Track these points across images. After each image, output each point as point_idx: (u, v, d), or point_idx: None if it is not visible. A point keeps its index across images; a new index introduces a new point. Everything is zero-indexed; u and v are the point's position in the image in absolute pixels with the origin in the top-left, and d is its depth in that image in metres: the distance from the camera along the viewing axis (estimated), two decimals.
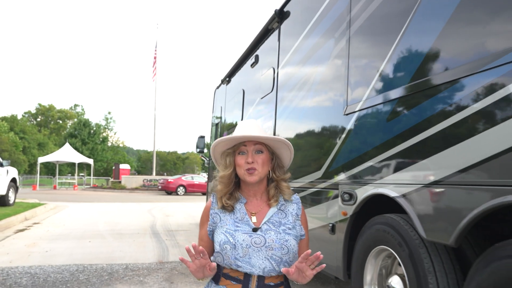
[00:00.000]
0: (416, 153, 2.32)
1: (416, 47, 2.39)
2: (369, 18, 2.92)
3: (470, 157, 1.93)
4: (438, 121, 2.15)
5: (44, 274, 4.92)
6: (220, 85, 8.86)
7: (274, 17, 5.02)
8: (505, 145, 1.74)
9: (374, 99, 2.78)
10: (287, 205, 1.64)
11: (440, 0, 2.22)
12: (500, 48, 1.82)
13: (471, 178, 1.92)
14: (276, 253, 1.50)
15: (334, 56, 3.45)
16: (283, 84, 4.71)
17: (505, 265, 1.74)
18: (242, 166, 1.58)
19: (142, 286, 4.52)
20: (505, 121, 1.75)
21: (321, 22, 3.77)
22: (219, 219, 1.60)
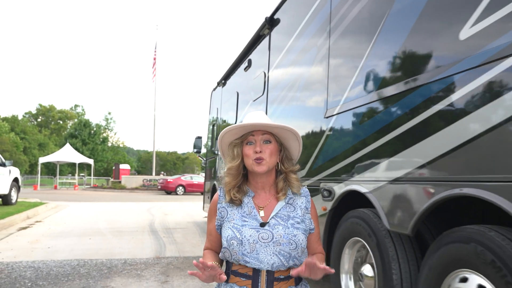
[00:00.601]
0: (382, 154, 2.59)
1: (381, 58, 2.66)
2: (345, 31, 3.19)
3: (422, 157, 2.20)
4: (397, 126, 2.42)
5: (47, 268, 5.19)
6: (216, 87, 9.13)
7: (265, 24, 5.29)
8: (449, 147, 2.01)
9: (348, 104, 3.05)
10: (295, 199, 1.60)
11: (401, 17, 2.49)
12: (449, 61, 2.08)
13: (424, 175, 2.19)
14: (284, 248, 1.47)
15: (317, 63, 3.72)
16: (273, 88, 4.98)
17: (449, 249, 2.01)
18: (250, 156, 1.54)
19: (139, 279, 4.79)
20: (447, 127, 2.02)
21: (306, 30, 4.04)
22: (226, 213, 1.58)
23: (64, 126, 68.03)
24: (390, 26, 2.60)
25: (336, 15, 3.34)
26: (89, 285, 4.48)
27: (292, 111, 4.37)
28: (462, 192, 1.91)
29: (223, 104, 8.28)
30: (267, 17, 5.22)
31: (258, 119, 1.57)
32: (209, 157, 9.76)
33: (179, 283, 4.66)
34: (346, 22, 3.16)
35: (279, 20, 5.03)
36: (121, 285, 4.51)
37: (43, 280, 4.63)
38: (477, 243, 1.84)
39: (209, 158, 9.83)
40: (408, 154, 2.33)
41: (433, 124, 2.14)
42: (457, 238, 1.98)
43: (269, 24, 5.22)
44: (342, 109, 3.16)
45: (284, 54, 4.68)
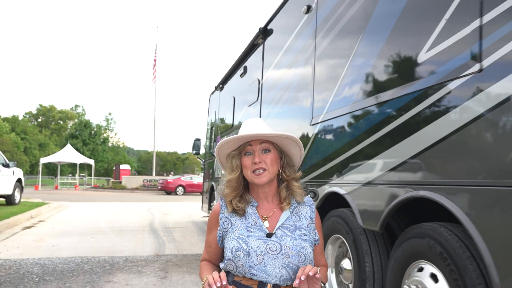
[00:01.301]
0: (357, 159, 2.90)
1: (357, 75, 2.97)
2: (328, 46, 3.50)
3: (389, 163, 2.51)
4: (369, 135, 2.73)
5: (52, 265, 5.50)
6: (215, 91, 9.44)
7: (259, 34, 5.59)
8: (409, 155, 2.32)
9: (331, 113, 3.36)
10: (300, 208, 1.55)
11: (373, 38, 2.80)
12: (410, 79, 2.39)
13: (390, 179, 2.50)
14: (293, 261, 1.42)
15: (304, 74, 4.03)
16: (266, 94, 5.29)
17: (410, 243, 2.31)
18: (248, 167, 1.49)
19: (140, 275, 5.09)
20: (407, 138, 2.33)
21: (295, 42, 4.35)
22: (230, 224, 1.51)
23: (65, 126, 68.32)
24: (364, 45, 2.90)
25: (321, 31, 3.65)
26: (93, 280, 4.78)
27: (282, 117, 4.68)
28: (418, 194, 2.21)
29: (220, 108, 8.58)
30: (261, 27, 5.52)
31: (255, 128, 1.51)
32: (208, 159, 10.07)
33: (177, 278, 4.97)
34: (329, 38, 3.46)
35: (272, 31, 5.33)
36: (123, 280, 4.82)
37: (49, 276, 4.93)
38: (430, 238, 2.15)
39: (207, 159, 10.14)
40: (377, 160, 2.64)
41: (397, 135, 2.45)
42: (415, 234, 2.29)
43: (263, 34, 5.53)
44: (325, 118, 3.46)
45: (276, 63, 4.98)
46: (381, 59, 2.68)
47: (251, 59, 6.21)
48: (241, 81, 6.74)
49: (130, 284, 4.63)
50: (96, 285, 4.58)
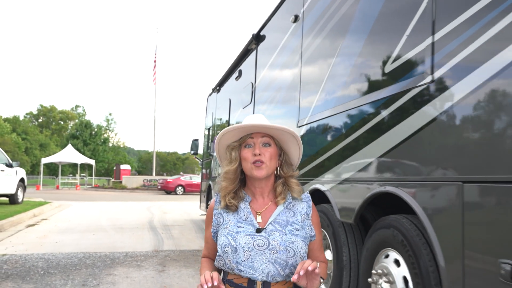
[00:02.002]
0: (335, 159, 3.18)
1: (335, 83, 3.26)
2: (311, 55, 3.79)
3: (361, 162, 2.79)
4: (345, 137, 3.02)
5: (56, 259, 5.78)
6: (212, 93, 9.72)
7: (252, 40, 5.88)
8: (378, 155, 2.60)
9: (314, 117, 3.64)
10: (295, 204, 1.53)
11: (349, 51, 3.09)
12: (377, 88, 2.67)
13: (362, 176, 2.78)
14: (281, 256, 1.40)
15: (291, 79, 4.31)
16: (258, 97, 5.58)
17: (378, 233, 2.60)
18: (248, 159, 1.48)
19: (139, 269, 5.38)
20: (376, 140, 2.62)
21: (284, 49, 4.63)
22: (222, 219, 1.52)
23: (65, 126, 68.64)
24: (342, 56, 3.19)
25: (306, 39, 3.93)
26: (95, 273, 5.07)
27: (273, 119, 4.96)
28: (385, 189, 2.50)
29: (217, 109, 8.87)
30: (254, 34, 5.81)
31: (258, 121, 1.51)
32: (205, 159, 10.35)
33: (174, 272, 5.25)
34: (313, 47, 3.75)
35: (264, 37, 5.62)
36: (123, 273, 5.10)
37: (54, 269, 5.22)
38: (394, 228, 2.43)
39: (205, 159, 10.42)
40: (352, 159, 2.92)
41: (367, 138, 2.73)
42: (383, 225, 2.58)
43: (256, 40, 5.81)
44: (309, 120, 3.75)
45: (267, 68, 5.27)
46: (354, 69, 2.97)
47: (246, 63, 6.49)
48: (237, 84, 7.03)
49: (130, 277, 4.92)
50: (98, 277, 4.86)
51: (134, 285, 4.58)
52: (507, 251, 1.63)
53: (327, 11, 3.46)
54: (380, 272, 2.51)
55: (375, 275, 2.54)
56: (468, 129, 1.91)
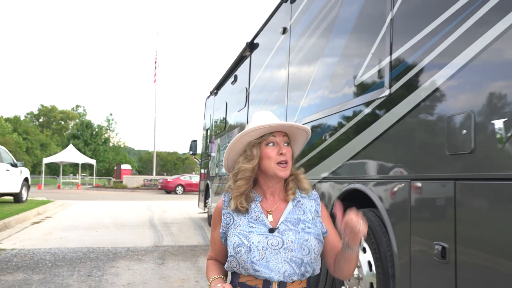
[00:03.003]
0: (315, 159, 3.57)
1: (315, 92, 3.64)
2: (297, 65, 4.17)
3: (336, 163, 3.18)
4: (323, 141, 3.40)
5: (62, 254, 6.17)
6: (210, 96, 10.11)
7: (246, 48, 6.26)
8: (348, 156, 2.99)
9: (299, 121, 4.02)
10: (304, 202, 1.53)
11: (327, 64, 3.47)
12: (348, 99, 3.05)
13: (337, 175, 3.16)
14: (296, 254, 1.40)
15: (281, 86, 4.69)
16: (252, 102, 5.96)
17: None
18: (273, 158, 1.46)
19: (140, 262, 5.76)
20: (347, 143, 3.00)
21: (275, 58, 5.02)
22: (232, 220, 1.49)
23: (66, 126, 68.95)
24: (321, 68, 3.58)
25: (293, 51, 4.31)
26: (99, 265, 5.45)
27: None
28: (355, 186, 2.88)
29: (215, 112, 9.25)
30: (248, 42, 6.19)
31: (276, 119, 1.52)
32: (204, 159, 10.73)
33: (173, 264, 5.63)
34: (298, 58, 4.14)
35: (258, 45, 6.00)
36: (125, 266, 5.48)
37: (60, 262, 5.61)
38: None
39: (204, 159, 10.80)
40: (329, 161, 3.31)
41: (340, 142, 3.12)
42: None
43: (250, 48, 6.19)
44: None
45: (259, 74, 5.65)
46: (331, 80, 3.35)
47: (240, 69, 6.88)
48: (232, 88, 7.41)
49: (131, 269, 5.30)
50: (102, 269, 5.25)
51: (135, 276, 4.96)
52: (439, 235, 2.01)
53: (309, 27, 3.84)
54: None
55: None
56: (415, 136, 2.29)
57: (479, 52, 1.85)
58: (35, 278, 4.73)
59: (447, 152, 1.99)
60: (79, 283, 4.57)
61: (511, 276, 1.63)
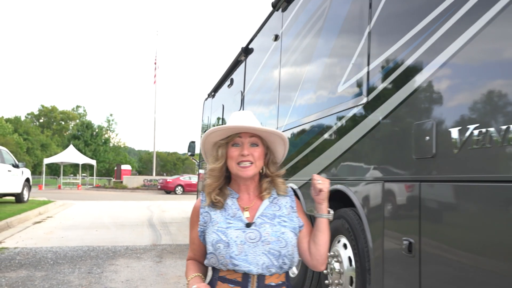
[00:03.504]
0: (302, 162, 3.77)
1: (303, 96, 3.85)
2: (287, 72, 4.38)
3: (320, 166, 3.38)
4: (309, 145, 3.61)
5: (63, 252, 6.38)
6: (208, 98, 10.31)
7: (241, 52, 6.46)
8: (331, 160, 3.19)
9: (289, 125, 4.23)
10: (279, 198, 1.57)
11: (314, 70, 3.68)
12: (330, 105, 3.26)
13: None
14: (274, 247, 1.44)
15: (273, 91, 4.90)
16: (246, 105, 6.16)
17: (333, 224, 3.17)
18: (234, 158, 1.50)
19: (138, 260, 5.97)
20: (330, 147, 3.21)
21: (267, 64, 5.22)
22: (209, 217, 1.52)
23: (66, 126, 69.12)
24: (308, 76, 3.78)
25: (283, 57, 4.52)
26: (99, 263, 5.66)
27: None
28: (337, 187, 3.08)
29: (212, 114, 9.45)
30: (243, 47, 6.39)
31: (247, 120, 1.53)
32: (202, 159, 10.94)
33: (170, 262, 5.84)
34: (288, 65, 4.34)
35: (252, 50, 6.20)
36: (124, 263, 5.69)
37: (62, 260, 5.81)
38: (343, 218, 3.02)
39: (202, 160, 11.01)
40: (313, 164, 3.51)
41: (324, 145, 3.32)
42: (336, 216, 3.16)
43: (245, 53, 6.40)
44: (285, 128, 4.34)
45: (253, 79, 5.86)
46: (317, 87, 3.56)
47: (236, 73, 7.08)
48: (229, 91, 7.61)
49: (130, 266, 5.51)
50: (102, 266, 5.46)
51: (134, 273, 5.17)
52: (406, 231, 2.22)
53: (298, 36, 4.05)
54: (333, 254, 3.10)
55: (329, 257, 3.12)
56: (387, 141, 2.50)
57: (438, 68, 2.06)
58: (37, 275, 4.94)
59: (413, 156, 2.20)
60: (80, 280, 4.77)
61: (470, 267, 1.83)
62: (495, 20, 1.75)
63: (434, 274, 2.04)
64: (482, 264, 1.76)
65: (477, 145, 1.79)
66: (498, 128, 1.69)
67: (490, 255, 1.73)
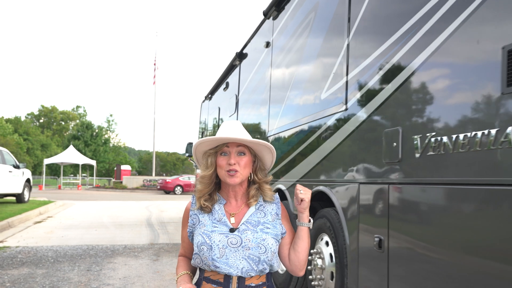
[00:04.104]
0: (290, 164, 3.98)
1: (291, 102, 4.06)
2: (277, 78, 4.58)
3: (305, 168, 3.59)
4: (296, 148, 3.82)
5: (63, 251, 6.58)
6: (205, 100, 10.52)
7: (236, 57, 6.67)
8: (315, 163, 3.40)
9: (278, 129, 4.44)
10: (266, 205, 1.64)
11: (300, 79, 3.88)
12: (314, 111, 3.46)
13: (306, 179, 3.58)
14: (254, 252, 1.51)
15: (264, 95, 5.11)
16: (240, 108, 6.37)
17: (317, 222, 3.39)
18: (223, 167, 1.58)
19: (136, 258, 6.17)
20: (314, 151, 3.41)
21: (259, 70, 5.43)
22: (197, 220, 1.61)
23: (66, 127, 69.27)
24: (296, 83, 3.99)
25: (274, 64, 4.73)
26: (98, 261, 5.87)
27: (251, 129, 5.76)
28: (319, 189, 3.29)
29: (209, 116, 9.66)
30: (238, 52, 6.60)
31: (234, 131, 1.60)
32: None
33: (166, 260, 6.05)
34: (279, 71, 4.55)
35: (246, 55, 6.41)
36: (122, 261, 5.90)
37: (62, 258, 6.02)
38: (325, 217, 3.22)
39: None
40: (300, 165, 3.72)
41: (309, 149, 3.53)
42: (319, 216, 3.37)
43: (239, 58, 6.60)
44: (274, 132, 4.54)
45: (247, 83, 6.06)
46: (303, 94, 3.77)
47: (231, 77, 7.29)
48: (224, 94, 7.82)
49: (128, 264, 5.71)
50: (100, 264, 5.66)
51: (131, 270, 5.37)
52: (377, 229, 2.42)
53: (287, 45, 4.26)
54: (315, 251, 3.31)
55: (312, 254, 3.33)
56: (363, 146, 2.70)
57: (402, 82, 2.28)
58: (38, 272, 5.14)
59: (383, 161, 2.41)
60: (79, 277, 4.98)
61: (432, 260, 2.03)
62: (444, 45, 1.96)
63: (401, 269, 2.25)
64: (442, 258, 1.97)
65: (433, 151, 2.00)
66: (449, 137, 1.90)
67: (449, 249, 1.93)
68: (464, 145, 1.81)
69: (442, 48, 2.00)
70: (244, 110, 6.14)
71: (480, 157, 1.73)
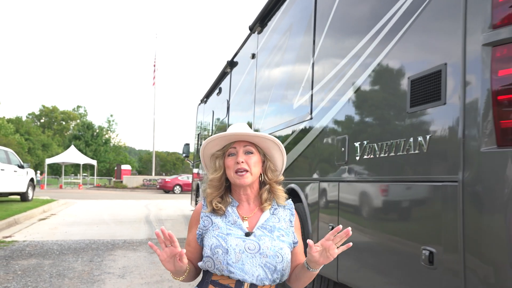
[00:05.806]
0: None
1: (271, 109, 4.58)
2: (260, 87, 5.10)
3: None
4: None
5: (67, 244, 7.10)
6: (200, 103, 11.04)
7: (227, 65, 7.19)
8: (288, 163, 3.92)
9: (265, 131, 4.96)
10: (279, 210, 1.58)
11: (282, 89, 4.40)
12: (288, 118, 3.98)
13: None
14: (271, 261, 1.44)
15: (251, 101, 5.63)
16: (231, 112, 6.89)
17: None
18: (231, 167, 1.52)
19: (134, 251, 6.69)
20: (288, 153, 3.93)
21: (246, 79, 5.95)
22: (210, 222, 1.53)
23: (67, 126, 69.70)
24: (276, 91, 4.51)
25: (258, 74, 5.25)
26: (99, 254, 6.39)
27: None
28: (291, 186, 3.81)
29: (204, 119, 10.18)
30: (229, 60, 7.12)
31: (239, 129, 1.55)
32: (196, 160, 11.67)
33: None
34: (262, 81, 5.07)
35: (237, 64, 6.93)
36: (121, 254, 6.42)
37: (66, 251, 6.55)
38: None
39: (196, 161, 11.74)
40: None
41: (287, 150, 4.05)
42: None
43: (230, 66, 7.12)
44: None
45: (237, 90, 6.58)
46: (281, 103, 4.29)
47: (223, 83, 7.81)
48: (218, 99, 8.34)
49: (126, 256, 6.24)
50: (102, 256, 6.19)
51: (130, 261, 5.89)
52: (331, 220, 2.94)
53: (267, 59, 4.78)
54: None
55: None
56: (322, 149, 3.22)
57: (349, 99, 2.80)
58: (46, 263, 5.67)
59: (335, 163, 2.93)
60: (83, 266, 5.50)
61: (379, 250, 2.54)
62: (371, 75, 2.48)
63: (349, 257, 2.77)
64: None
65: (367, 155, 2.52)
66: (377, 144, 2.42)
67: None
68: (385, 150, 2.33)
69: (370, 77, 2.52)
70: (233, 114, 6.65)
71: (395, 159, 2.25)
